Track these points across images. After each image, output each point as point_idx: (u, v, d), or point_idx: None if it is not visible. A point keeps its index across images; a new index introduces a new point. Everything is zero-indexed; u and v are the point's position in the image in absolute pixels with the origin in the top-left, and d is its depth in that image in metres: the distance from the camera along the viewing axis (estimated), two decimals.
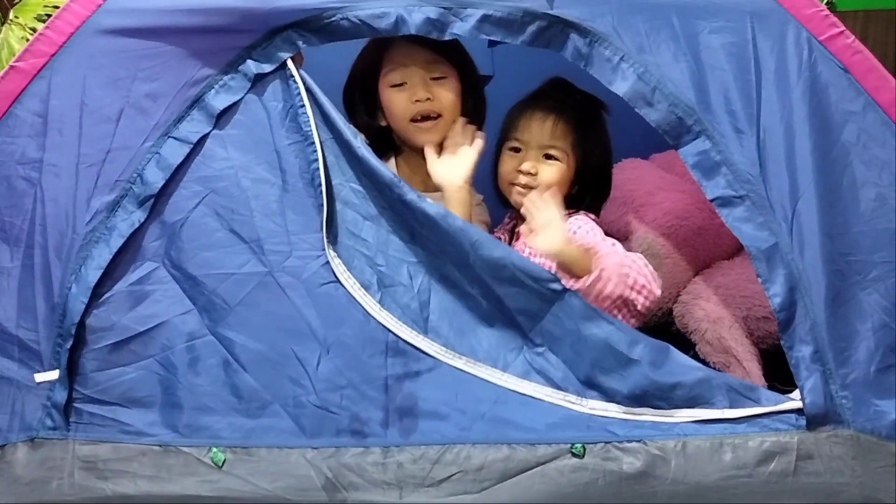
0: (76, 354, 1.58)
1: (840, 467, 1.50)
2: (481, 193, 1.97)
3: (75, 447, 1.57)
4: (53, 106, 1.57)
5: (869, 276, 1.54)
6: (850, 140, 1.54)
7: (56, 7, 2.61)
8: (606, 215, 1.96)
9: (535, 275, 1.56)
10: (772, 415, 1.53)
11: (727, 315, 1.94)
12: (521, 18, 1.54)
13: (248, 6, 1.54)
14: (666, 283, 2.07)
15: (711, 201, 1.55)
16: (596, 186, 1.85)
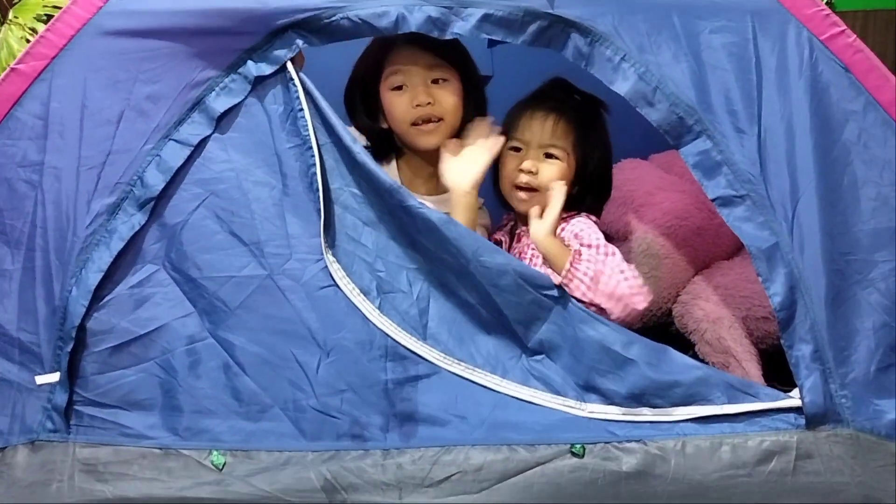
0: (76, 357, 1.58)
1: (839, 466, 1.51)
2: (482, 196, 1.97)
3: (75, 450, 1.57)
4: (54, 108, 1.56)
5: (869, 276, 1.54)
6: (850, 139, 1.54)
7: (56, 7, 2.64)
8: (606, 215, 1.96)
9: (535, 281, 1.56)
10: (771, 414, 1.53)
11: (726, 315, 1.94)
12: (522, 18, 1.54)
13: (247, 7, 1.54)
14: (665, 283, 2.08)
15: (712, 201, 1.55)
16: (596, 187, 1.85)
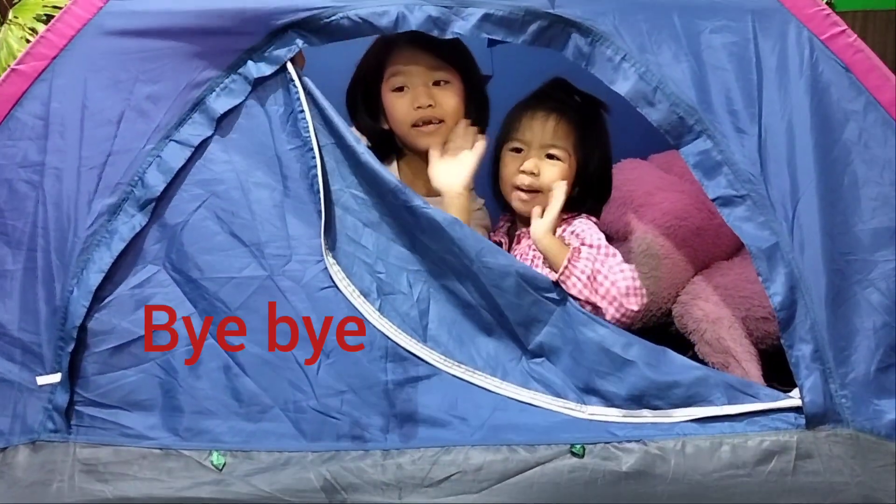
0: (77, 357, 1.57)
1: (839, 466, 1.50)
2: (482, 197, 1.97)
3: (76, 450, 1.56)
4: (54, 108, 1.56)
5: (870, 275, 1.54)
6: (851, 139, 1.54)
7: (56, 7, 2.64)
8: (606, 215, 1.96)
9: (536, 283, 1.57)
10: (771, 413, 1.53)
11: (726, 315, 1.94)
12: (523, 18, 1.54)
13: (247, 7, 1.53)
14: (665, 284, 2.08)
15: (713, 201, 1.55)
16: (597, 188, 1.85)
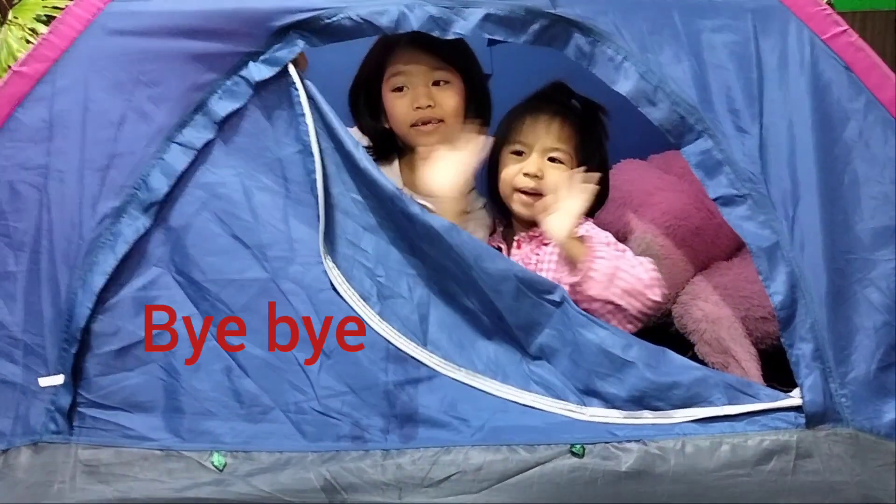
0: (81, 359, 1.57)
1: (839, 466, 1.50)
2: (483, 196, 1.97)
3: (77, 451, 1.56)
4: (57, 110, 1.56)
5: (870, 274, 1.54)
6: (851, 138, 1.54)
7: (55, 7, 2.64)
8: (605, 216, 1.96)
9: (536, 287, 1.57)
10: (771, 413, 1.53)
11: (726, 315, 1.93)
12: (524, 17, 1.54)
13: (248, 8, 1.53)
14: (664, 284, 2.08)
15: (714, 200, 1.55)
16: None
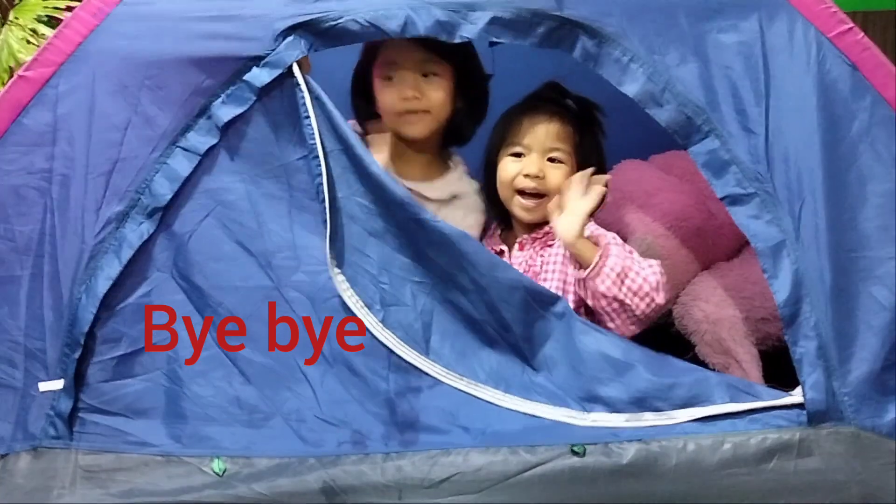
0: (82, 364, 1.56)
1: (840, 464, 1.50)
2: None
3: (77, 457, 1.55)
4: (61, 115, 1.55)
5: (875, 273, 1.53)
6: (857, 136, 1.54)
7: (56, 8, 2.64)
8: (605, 216, 1.96)
9: (542, 298, 1.57)
10: (773, 411, 1.52)
11: (726, 316, 1.93)
12: (530, 20, 1.54)
13: (252, 13, 1.53)
14: (669, 287, 2.08)
15: (721, 199, 1.55)
16: None
